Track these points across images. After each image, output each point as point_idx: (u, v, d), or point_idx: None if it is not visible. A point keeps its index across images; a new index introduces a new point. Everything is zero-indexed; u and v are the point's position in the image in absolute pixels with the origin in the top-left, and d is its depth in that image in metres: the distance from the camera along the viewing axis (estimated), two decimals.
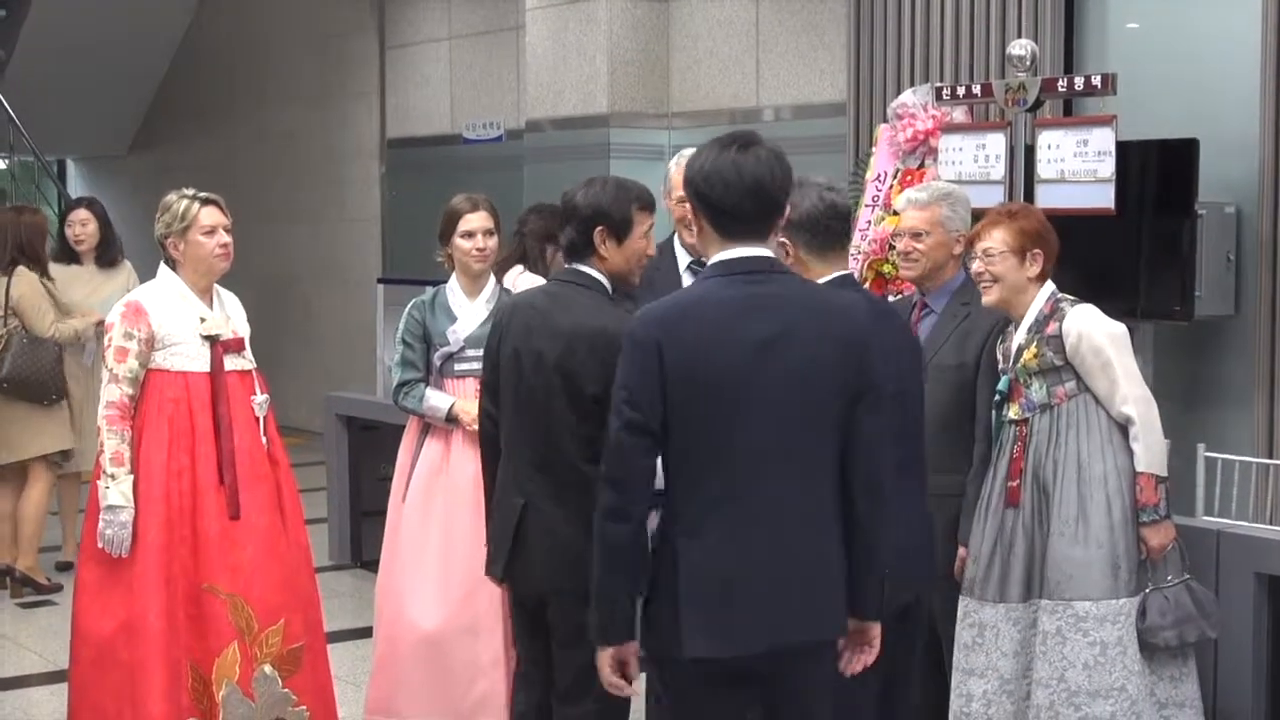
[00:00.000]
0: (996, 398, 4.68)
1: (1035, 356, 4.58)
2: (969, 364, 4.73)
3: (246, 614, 4.89)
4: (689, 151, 5.26)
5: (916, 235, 4.84)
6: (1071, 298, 4.68)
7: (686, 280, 5.25)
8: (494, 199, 5.61)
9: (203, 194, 5.05)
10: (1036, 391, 4.59)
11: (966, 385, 4.72)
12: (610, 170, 9.37)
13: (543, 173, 9.76)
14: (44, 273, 7.79)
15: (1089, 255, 4.88)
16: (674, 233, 5.38)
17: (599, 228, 4.15)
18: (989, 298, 4.67)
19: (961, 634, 4.67)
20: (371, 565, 6.74)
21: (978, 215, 4.91)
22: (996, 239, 4.63)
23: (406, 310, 5.43)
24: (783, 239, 3.96)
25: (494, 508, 4.39)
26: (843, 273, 4.07)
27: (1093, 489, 4.50)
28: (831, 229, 4.05)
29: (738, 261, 3.40)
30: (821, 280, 3.95)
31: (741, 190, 3.39)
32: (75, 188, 17.25)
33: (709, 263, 3.44)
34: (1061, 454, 4.54)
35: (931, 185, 5.20)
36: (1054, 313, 4.61)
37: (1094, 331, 4.55)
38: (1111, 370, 4.52)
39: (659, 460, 3.37)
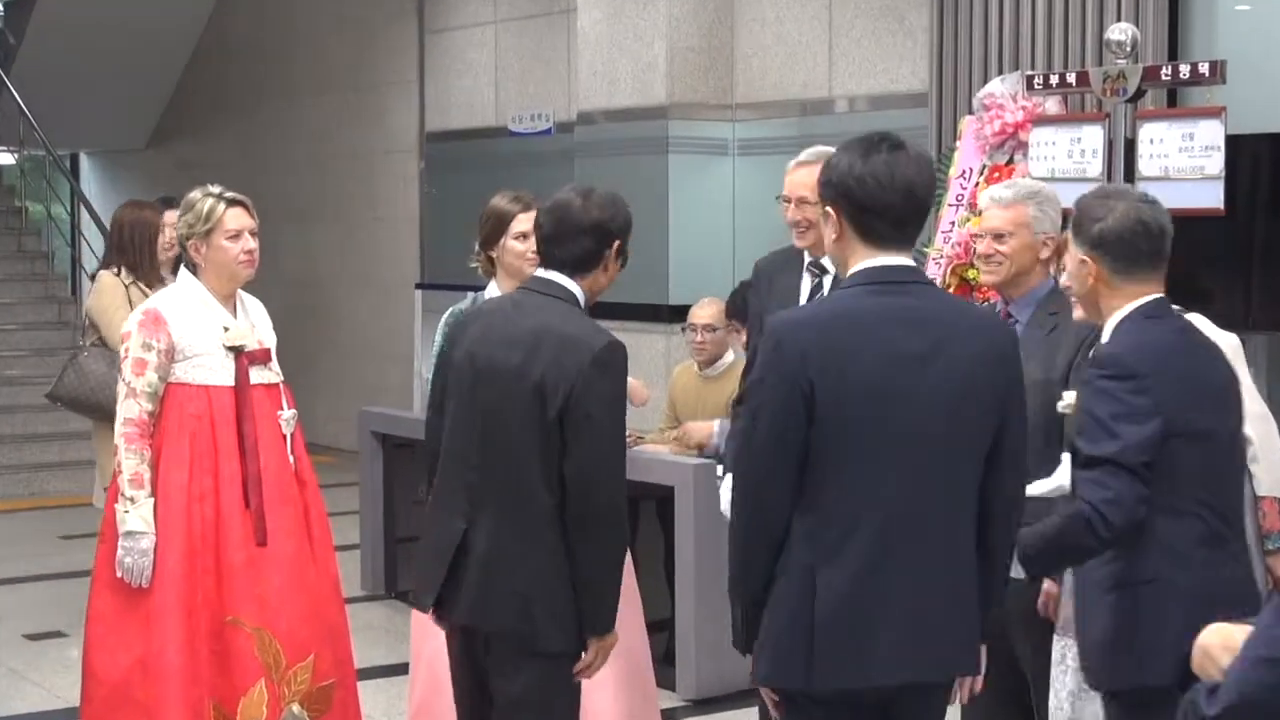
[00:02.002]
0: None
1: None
2: (1055, 380, 4.67)
3: (274, 649, 4.92)
4: (807, 152, 5.31)
5: (999, 237, 4.79)
6: (1177, 308, 4.63)
7: (806, 282, 5.29)
8: (541, 198, 5.63)
9: (229, 193, 5.08)
10: None
11: (1053, 403, 4.68)
12: (670, 166, 9.40)
13: (595, 168, 9.77)
14: (150, 280, 7.30)
15: (1194, 260, 4.86)
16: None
17: (617, 243, 4.14)
18: (1076, 314, 4.58)
19: (1064, 679, 4.59)
20: (407, 596, 6.77)
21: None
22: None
23: (444, 320, 5.46)
24: (1084, 257, 3.90)
25: (425, 529, 4.29)
26: (1152, 297, 3.92)
27: None
28: (1141, 248, 3.93)
29: (885, 270, 3.45)
30: (1129, 306, 3.87)
31: (894, 193, 3.44)
32: (89, 184, 17.43)
33: (852, 270, 3.49)
34: None
35: (1018, 182, 5.16)
36: None
37: None
38: None
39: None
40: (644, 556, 5.77)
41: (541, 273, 4.18)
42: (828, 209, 3.50)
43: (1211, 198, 5.85)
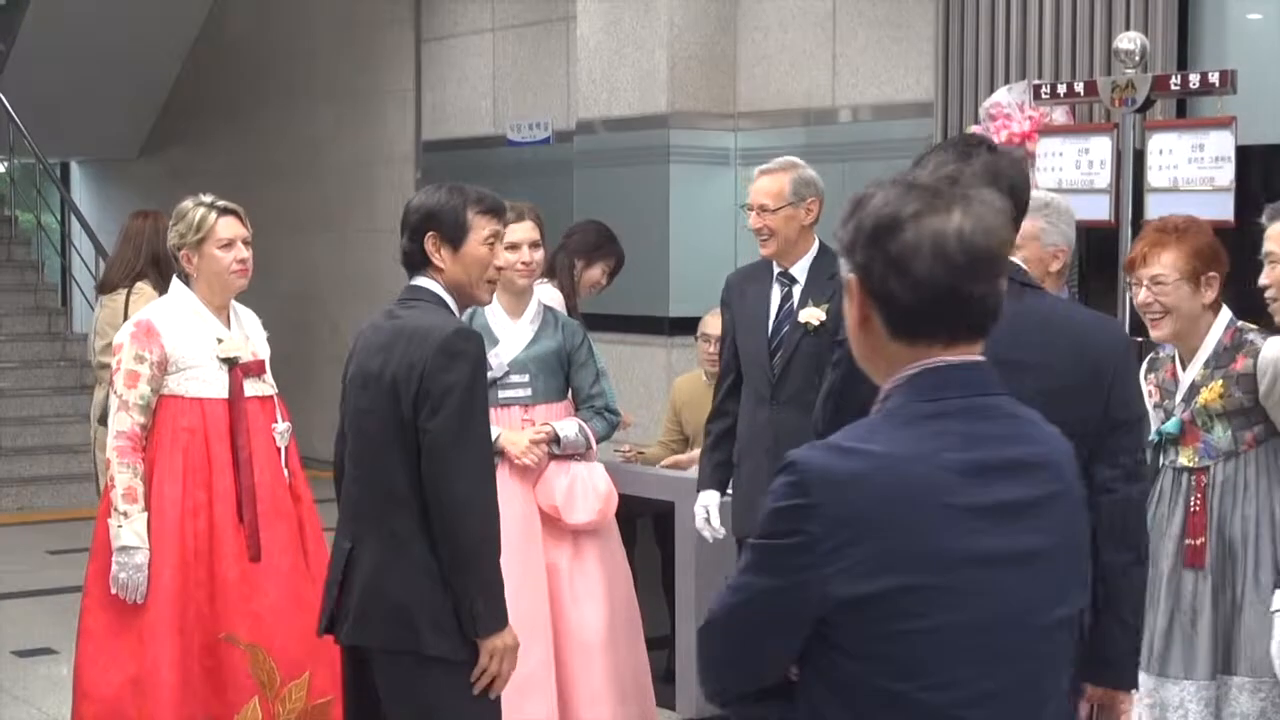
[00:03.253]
0: (1156, 438, 4.46)
1: (1221, 396, 4.38)
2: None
3: (268, 666, 4.92)
4: (778, 161, 5.32)
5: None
6: (1255, 327, 4.50)
7: (776, 292, 5.31)
8: (540, 207, 5.64)
9: (221, 202, 5.10)
10: (1220, 436, 4.40)
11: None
12: (671, 176, 9.40)
13: (595, 178, 9.77)
14: None
15: None
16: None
17: (430, 233, 4.10)
18: (1160, 332, 4.45)
19: (1138, 714, 4.51)
20: None
21: (1081, 229, 4.87)
22: (1167, 264, 4.40)
23: None
24: None
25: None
26: None
27: None
28: None
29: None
30: None
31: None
32: (79, 193, 17.44)
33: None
34: (1253, 509, 4.36)
35: (1047, 194, 5.15)
36: (1238, 345, 4.42)
37: None
38: None
39: None
40: (643, 573, 5.76)
41: (410, 280, 4.17)
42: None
43: (1222, 210, 5.85)
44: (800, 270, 5.33)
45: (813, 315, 5.22)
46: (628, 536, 5.92)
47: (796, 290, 5.32)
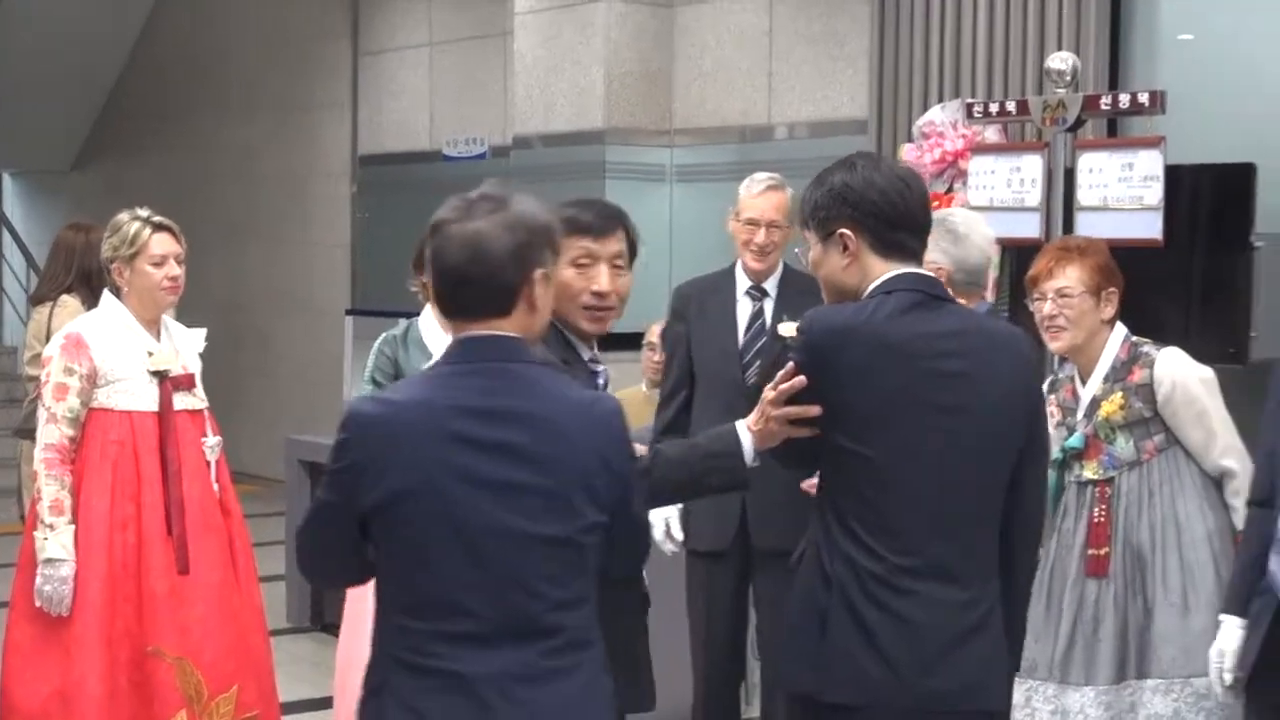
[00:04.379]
0: (1060, 455, 4.58)
1: (1121, 408, 4.52)
2: None
3: (195, 680, 4.91)
4: (762, 176, 5.35)
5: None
6: (1149, 340, 4.64)
7: (745, 306, 5.33)
8: None
9: (156, 218, 5.10)
10: (1122, 447, 4.53)
11: None
12: (606, 192, 9.42)
13: (531, 193, 9.78)
14: None
15: (1133, 291, 4.89)
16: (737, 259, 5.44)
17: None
18: (1059, 344, 4.60)
19: None
20: (333, 629, 6.75)
21: (1012, 247, 4.92)
22: (1072, 278, 4.55)
23: (376, 345, 5.46)
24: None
25: None
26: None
27: (1197, 553, 4.46)
28: None
29: (923, 279, 3.47)
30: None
31: (916, 205, 3.48)
32: (10, 207, 17.31)
33: (881, 280, 3.43)
34: (1157, 516, 4.49)
35: (947, 212, 5.22)
36: (1134, 358, 4.56)
37: (1188, 379, 4.52)
38: (1208, 419, 4.51)
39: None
40: None
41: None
42: (843, 230, 3.44)
43: (1150, 229, 5.92)
44: (772, 284, 5.36)
45: (791, 330, 5.25)
46: None
47: (768, 304, 5.35)
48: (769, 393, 3.44)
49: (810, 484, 4.33)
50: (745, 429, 3.51)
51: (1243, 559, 4.27)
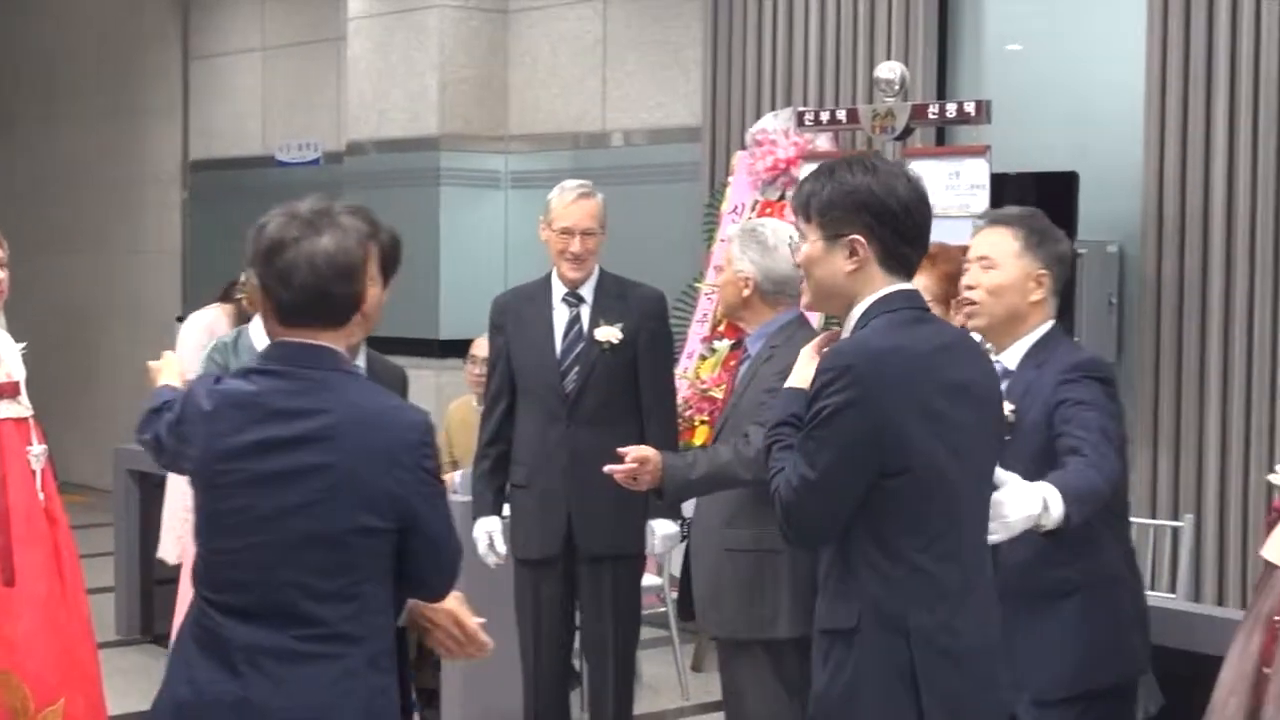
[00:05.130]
0: None
1: None
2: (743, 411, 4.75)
3: (20, 693, 4.84)
4: (573, 183, 5.36)
5: (720, 270, 4.89)
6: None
7: (562, 313, 5.34)
8: None
9: None
10: None
11: None
12: (441, 198, 9.42)
13: (365, 200, 9.63)
14: None
15: None
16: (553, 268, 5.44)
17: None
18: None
19: None
20: (164, 640, 6.67)
21: None
22: (920, 286, 4.57)
23: (206, 353, 5.41)
24: (1043, 270, 3.96)
25: None
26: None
27: None
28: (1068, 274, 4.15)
29: (915, 296, 3.36)
30: (1047, 324, 4.01)
31: (928, 216, 3.33)
32: None
33: (880, 296, 3.27)
34: None
35: (753, 221, 5.28)
36: None
37: None
38: None
39: None
40: None
41: None
42: (855, 237, 3.24)
43: None
44: (588, 290, 5.38)
45: (610, 334, 5.28)
46: None
47: (584, 310, 5.36)
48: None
49: (620, 471, 4.42)
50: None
51: None
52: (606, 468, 4.46)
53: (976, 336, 3.99)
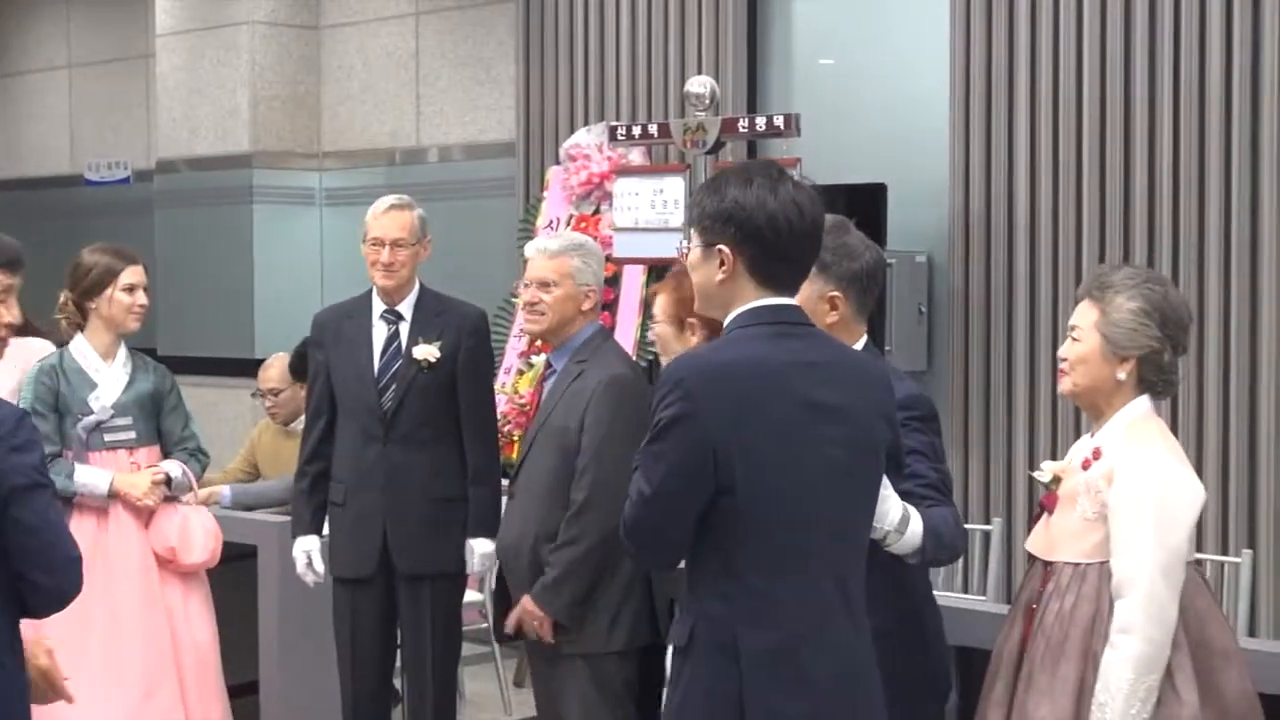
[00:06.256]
0: None
1: None
2: (572, 428, 4.74)
3: None
4: (389, 198, 5.34)
5: (545, 285, 4.87)
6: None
7: (380, 330, 5.31)
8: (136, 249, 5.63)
9: None
10: None
11: (571, 450, 4.72)
12: (254, 216, 9.32)
13: (176, 219, 9.63)
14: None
15: None
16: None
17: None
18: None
19: None
20: None
21: (657, 266, 5.03)
22: (658, 307, 4.70)
23: (33, 376, 5.34)
24: (836, 292, 3.84)
25: None
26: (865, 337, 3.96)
27: None
28: (875, 289, 3.97)
29: (781, 310, 3.25)
30: (856, 344, 3.83)
31: (803, 232, 3.22)
32: None
33: (740, 311, 3.23)
34: None
35: (565, 234, 5.32)
36: None
37: None
38: None
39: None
40: (226, 618, 5.68)
41: None
42: (721, 248, 3.20)
43: None
44: (407, 307, 5.35)
45: (428, 353, 5.25)
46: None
47: (403, 327, 5.34)
48: None
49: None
50: None
51: None
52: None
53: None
